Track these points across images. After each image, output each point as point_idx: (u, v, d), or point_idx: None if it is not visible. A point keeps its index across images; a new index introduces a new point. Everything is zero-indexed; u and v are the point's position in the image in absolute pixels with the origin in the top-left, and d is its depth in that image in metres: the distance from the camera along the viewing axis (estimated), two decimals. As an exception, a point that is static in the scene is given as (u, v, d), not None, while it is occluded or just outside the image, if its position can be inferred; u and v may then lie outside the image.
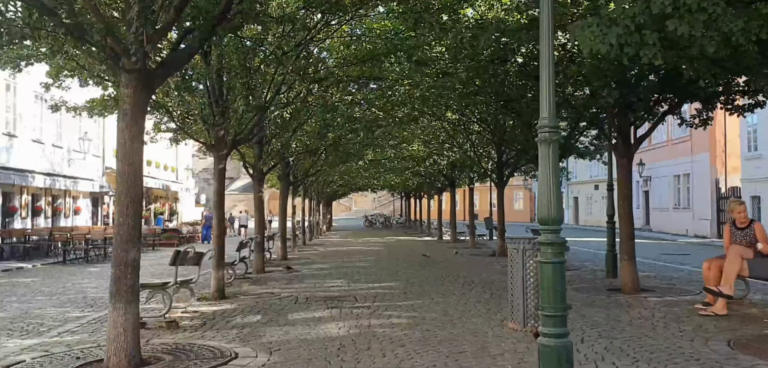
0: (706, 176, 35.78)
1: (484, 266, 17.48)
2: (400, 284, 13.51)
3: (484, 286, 12.89)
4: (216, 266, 11.55)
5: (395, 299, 11.24)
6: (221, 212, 11.91)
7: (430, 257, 20.98)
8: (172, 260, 8.78)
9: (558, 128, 4.91)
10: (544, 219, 4.94)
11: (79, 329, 8.82)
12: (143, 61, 6.56)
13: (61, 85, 13.95)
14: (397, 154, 26.29)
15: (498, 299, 10.97)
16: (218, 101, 11.48)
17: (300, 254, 24.03)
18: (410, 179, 37.72)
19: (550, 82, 4.77)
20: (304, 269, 17.38)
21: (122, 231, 6.56)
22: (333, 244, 31.19)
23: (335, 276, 15.46)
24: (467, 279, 14.17)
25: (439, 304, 10.46)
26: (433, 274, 15.57)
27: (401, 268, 17.41)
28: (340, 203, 77.90)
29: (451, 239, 32.44)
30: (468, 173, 27.40)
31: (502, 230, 21.79)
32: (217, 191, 11.91)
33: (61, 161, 28.52)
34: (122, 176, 6.63)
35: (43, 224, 26.93)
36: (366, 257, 22.11)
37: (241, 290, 12.84)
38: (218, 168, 11.83)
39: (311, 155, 22.11)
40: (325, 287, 13.23)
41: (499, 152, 21.57)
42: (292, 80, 12.54)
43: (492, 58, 10.50)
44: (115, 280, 6.55)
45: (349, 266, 17.96)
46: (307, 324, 8.86)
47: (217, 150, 11.74)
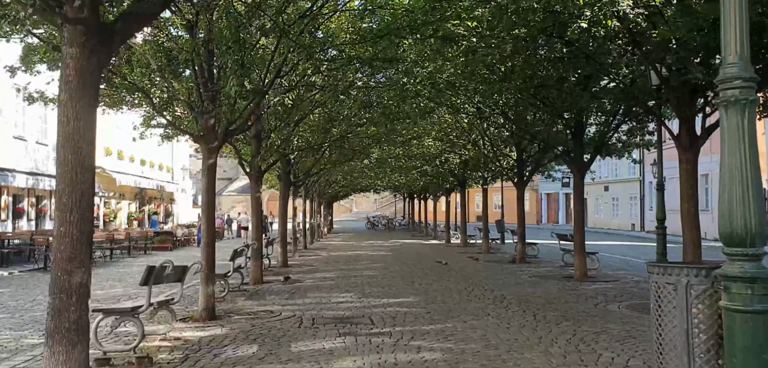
0: (727, 177, 33.97)
1: (508, 276, 15.61)
2: (420, 299, 11.64)
3: (520, 303, 11.00)
4: (205, 281, 9.68)
5: (419, 321, 9.37)
6: (211, 214, 10.05)
7: (446, 264, 19.10)
8: (143, 279, 6.92)
9: (754, 83, 3.05)
10: (733, 235, 3.08)
11: (27, 366, 6.96)
12: (94, 9, 4.71)
13: (31, 70, 12.17)
14: (406, 151, 24.35)
15: (544, 324, 9.11)
16: (207, 83, 9.63)
17: (301, 259, 22.17)
18: (417, 179, 35.79)
19: (743, 11, 2.92)
20: (306, 278, 15.52)
21: (63, 246, 4.72)
22: (336, 248, 29.31)
23: (343, 287, 13.59)
24: (497, 294, 12.28)
25: (476, 329, 8.60)
26: (454, 286, 13.70)
27: (416, 277, 15.54)
28: (340, 204, 75.98)
29: (460, 242, 30.62)
30: (482, 173, 25.48)
31: (522, 234, 19.94)
32: (206, 190, 10.03)
33: (46, 159, 26.63)
34: (64, 167, 4.79)
35: (25, 227, 25.04)
36: (373, 263, 20.23)
37: (236, 307, 10.97)
38: (208, 163, 9.96)
39: (314, 152, 20.23)
40: (332, 303, 11.36)
41: (518, 149, 19.73)
42: (295, 60, 10.67)
43: (543, 26, 8.63)
44: (53, 313, 4.71)
45: (357, 276, 16.10)
46: (316, 359, 6.98)
47: (206, 142, 9.88)
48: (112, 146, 33.62)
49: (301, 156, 19.94)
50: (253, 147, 14.16)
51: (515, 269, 17.23)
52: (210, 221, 9.98)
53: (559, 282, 14.06)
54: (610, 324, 8.86)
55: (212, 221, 10.03)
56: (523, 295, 11.98)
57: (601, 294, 11.99)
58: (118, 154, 34.74)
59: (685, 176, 10.01)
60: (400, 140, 20.18)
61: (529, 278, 15.12)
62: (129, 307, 7.10)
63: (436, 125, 21.16)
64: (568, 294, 12.21)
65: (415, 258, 22.34)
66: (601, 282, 14.03)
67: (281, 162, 17.84)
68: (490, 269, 17.70)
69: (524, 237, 20.01)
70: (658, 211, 12.53)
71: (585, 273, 14.66)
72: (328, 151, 21.42)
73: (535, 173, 21.21)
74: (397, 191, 54.58)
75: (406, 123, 18.45)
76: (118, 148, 34.26)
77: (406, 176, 35.54)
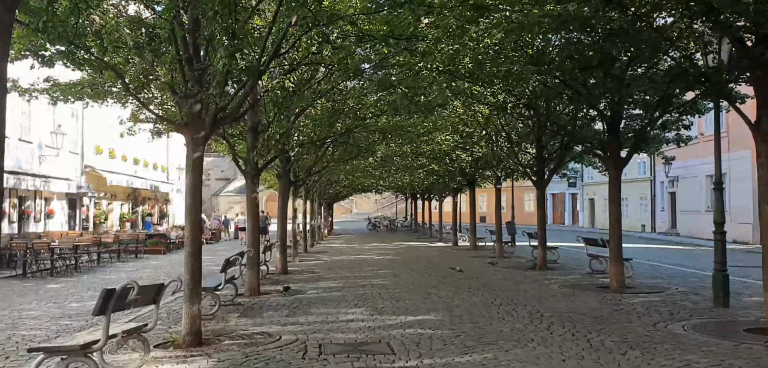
0: (747, 176, 32.31)
1: (535, 286, 13.94)
2: (443, 317, 9.96)
3: (563, 322, 9.33)
4: (189, 298, 8.01)
5: (449, 348, 7.69)
6: (196, 217, 8.37)
7: (462, 272, 17.44)
8: (98, 308, 5.24)
9: None
10: None
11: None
12: None
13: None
14: (414, 149, 22.62)
15: (606, 353, 7.44)
16: (192, 60, 7.97)
17: (302, 264, 20.50)
18: (423, 179, 34.08)
19: None
20: (309, 288, 13.84)
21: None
22: (338, 251, 27.62)
23: (351, 301, 11.91)
24: (531, 310, 10.59)
25: (524, 363, 6.91)
26: (478, 298, 12.02)
27: (431, 287, 13.86)
28: (340, 205, 74.30)
29: (470, 245, 28.97)
30: (495, 171, 23.78)
31: (543, 237, 18.27)
32: (191, 189, 8.34)
33: (31, 158, 24.98)
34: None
35: (6, 229, 23.33)
36: (380, 269, 18.56)
37: (228, 327, 9.29)
38: (193, 157, 8.29)
39: (316, 148, 18.55)
40: (341, 322, 9.68)
41: (539, 144, 18.02)
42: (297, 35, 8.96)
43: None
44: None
45: (365, 285, 14.42)
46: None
47: (191, 132, 8.21)
48: (103, 144, 31.96)
49: (301, 153, 18.27)
50: (249, 141, 12.50)
51: (539, 278, 15.56)
52: (195, 226, 8.30)
53: (596, 294, 12.40)
54: (689, 354, 7.20)
55: (198, 227, 8.35)
56: (562, 311, 10.30)
57: (653, 310, 10.33)
58: (110, 152, 33.05)
59: (764, 172, 8.33)
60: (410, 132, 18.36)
61: (559, 288, 13.46)
62: (78, 344, 5.41)
63: (447, 120, 19.49)
64: (613, 309, 10.55)
65: (425, 263, 20.67)
66: (642, 294, 12.37)
67: (280, 159, 16.17)
68: (510, 277, 16.02)
69: (545, 242, 18.34)
70: (716, 214, 10.85)
71: (622, 283, 13.02)
72: (331, 148, 19.75)
73: (558, 170, 19.53)
74: (399, 191, 52.85)
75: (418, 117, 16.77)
76: (110, 146, 32.60)
77: (411, 176, 33.85)
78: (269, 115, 12.25)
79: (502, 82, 12.20)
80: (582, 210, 58.40)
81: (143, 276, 18.16)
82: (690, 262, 20.89)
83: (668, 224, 42.11)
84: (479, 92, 14.29)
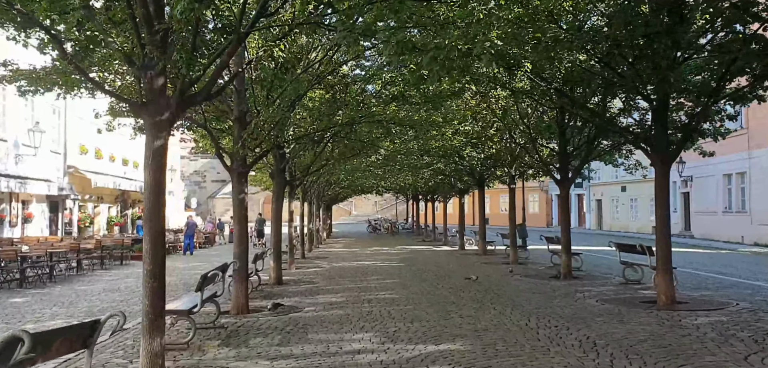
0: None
1: (568, 301, 12.01)
2: (473, 345, 8.03)
3: (627, 354, 7.40)
4: (149, 332, 6.08)
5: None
6: (158, 223, 6.40)
7: (477, 280, 15.50)
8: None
9: None
10: None
11: None
12: None
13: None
14: (421, 145, 20.67)
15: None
16: (152, 18, 6.04)
17: (299, 272, 18.56)
18: (428, 179, 32.10)
19: None
20: (306, 304, 11.90)
21: None
22: (338, 257, 25.66)
23: (356, 322, 9.96)
24: (578, 336, 8.65)
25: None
26: (508, 319, 10.05)
27: (449, 304, 11.89)
28: (339, 207, 72.32)
29: (479, 249, 27.07)
30: (509, 170, 21.82)
31: (567, 243, 16.29)
32: (151, 187, 6.40)
33: (5, 157, 23.01)
34: None
35: (-23, 234, 21.41)
36: (387, 278, 16.63)
37: (202, 362, 7.36)
38: (154, 146, 6.35)
39: (314, 144, 16.61)
40: (345, 353, 7.76)
41: (562, 140, 16.08)
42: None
43: None
44: None
45: (372, 300, 12.49)
46: None
47: (151, 113, 6.27)
48: (88, 143, 29.98)
49: (298, 150, 16.33)
50: (235, 132, 10.56)
51: (569, 290, 13.61)
52: (157, 237, 6.35)
53: (646, 312, 10.47)
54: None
55: (161, 237, 6.39)
56: (619, 338, 8.35)
57: (729, 336, 8.40)
58: (96, 152, 31.05)
59: None
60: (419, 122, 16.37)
61: (599, 304, 11.52)
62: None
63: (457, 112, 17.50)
64: (680, 334, 8.61)
65: (435, 271, 18.74)
66: (701, 312, 10.45)
67: (273, 155, 14.25)
68: (536, 288, 14.09)
69: (570, 247, 16.39)
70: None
71: (673, 298, 11.12)
72: (330, 143, 17.81)
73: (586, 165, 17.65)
74: (401, 192, 50.86)
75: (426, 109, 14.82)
76: (96, 145, 30.63)
77: (415, 176, 31.89)
78: (258, 99, 10.31)
79: (536, 56, 10.21)
80: (589, 211, 56.47)
81: (121, 287, 16.23)
82: (724, 268, 19.03)
83: (681, 225, 40.27)
84: (502, 76, 12.34)
